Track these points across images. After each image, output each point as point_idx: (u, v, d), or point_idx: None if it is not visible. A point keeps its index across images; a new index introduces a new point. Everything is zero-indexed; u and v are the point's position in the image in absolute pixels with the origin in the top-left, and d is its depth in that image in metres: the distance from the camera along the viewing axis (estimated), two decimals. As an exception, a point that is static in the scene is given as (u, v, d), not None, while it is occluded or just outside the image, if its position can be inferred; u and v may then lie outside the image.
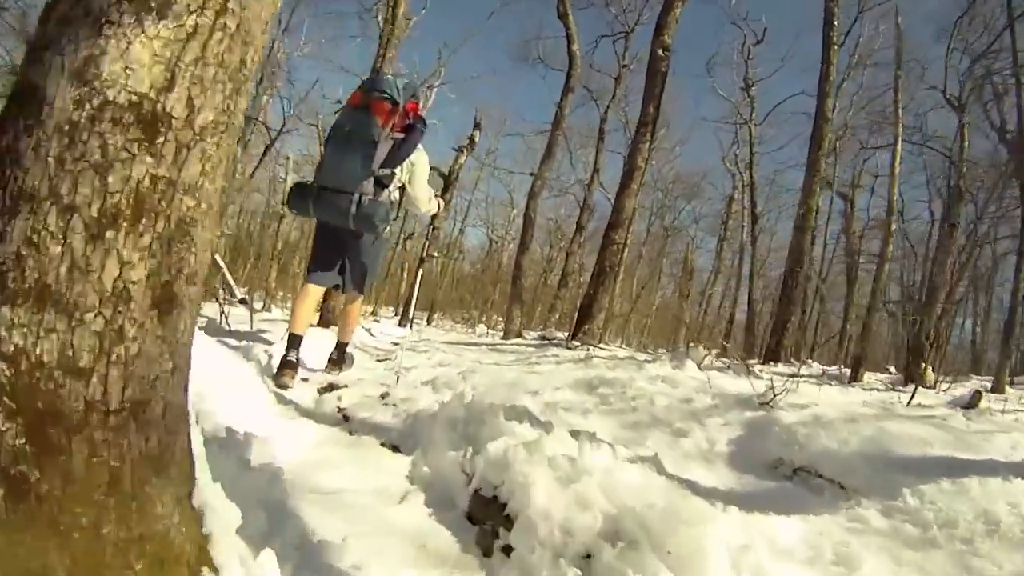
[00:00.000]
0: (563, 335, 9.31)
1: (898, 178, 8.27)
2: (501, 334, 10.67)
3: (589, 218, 15.53)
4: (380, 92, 2.82)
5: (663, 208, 25.37)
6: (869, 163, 18.49)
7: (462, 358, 5.34)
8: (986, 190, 13.29)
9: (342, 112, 2.88)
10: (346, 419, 2.36)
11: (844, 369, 7.79)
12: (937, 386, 6.31)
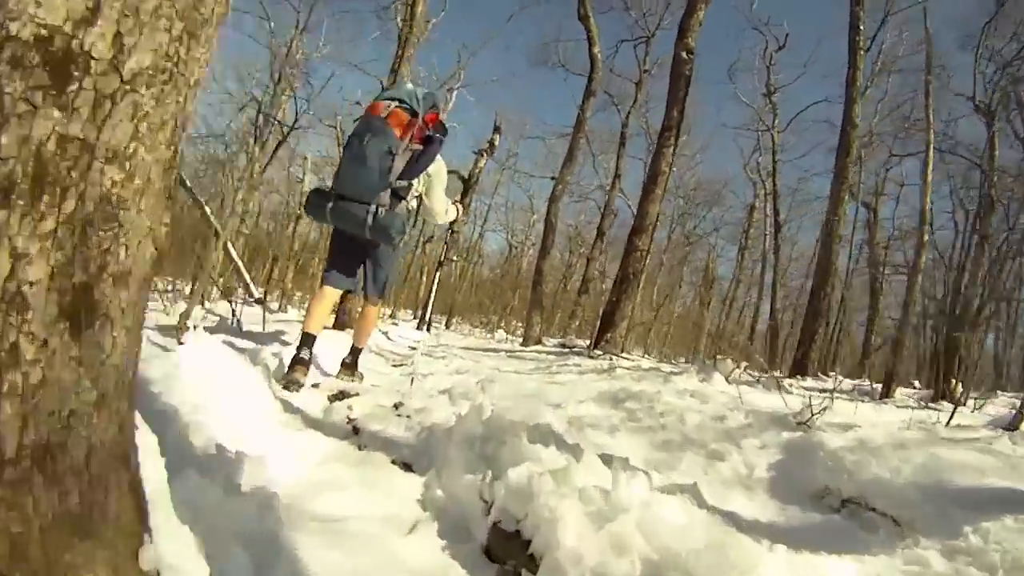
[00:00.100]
0: (584, 343, 9.13)
1: (931, 187, 7.98)
2: (520, 340, 10.51)
3: (610, 224, 15.30)
4: (400, 102, 2.79)
5: (684, 215, 25.02)
6: (892, 171, 18.13)
7: (480, 365, 5.17)
8: (1016, 200, 12.80)
9: (361, 121, 2.83)
10: (356, 431, 2.19)
11: (874, 384, 7.51)
12: (966, 403, 6.05)
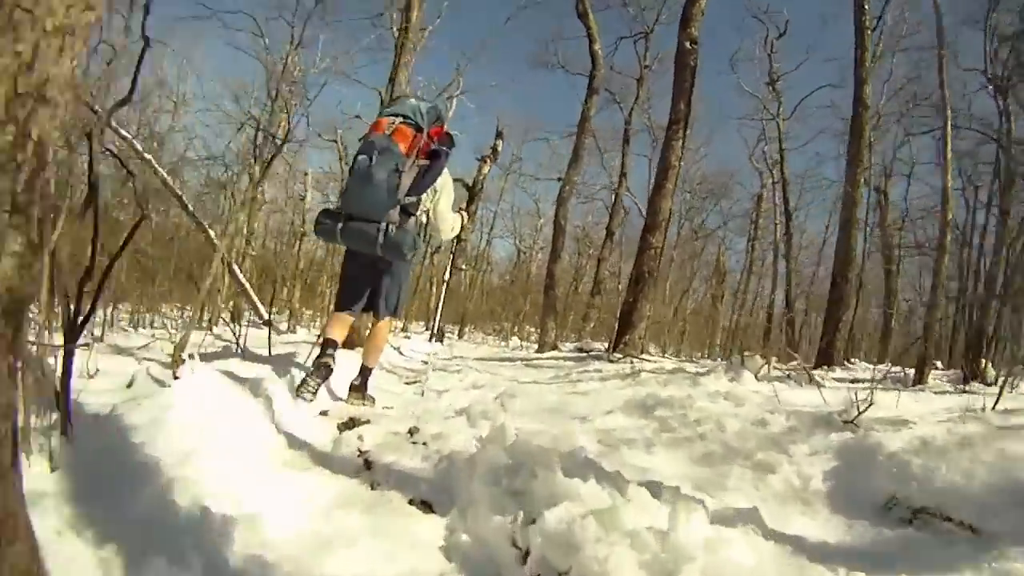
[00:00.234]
0: (601, 346, 8.89)
1: (951, 164, 7.70)
2: (535, 347, 10.28)
3: (620, 223, 15.06)
4: (404, 118, 2.78)
5: (692, 210, 24.70)
6: (901, 152, 17.74)
7: (497, 377, 4.96)
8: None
9: (365, 140, 2.78)
10: (368, 466, 1.98)
11: (906, 370, 7.25)
12: (998, 382, 5.81)
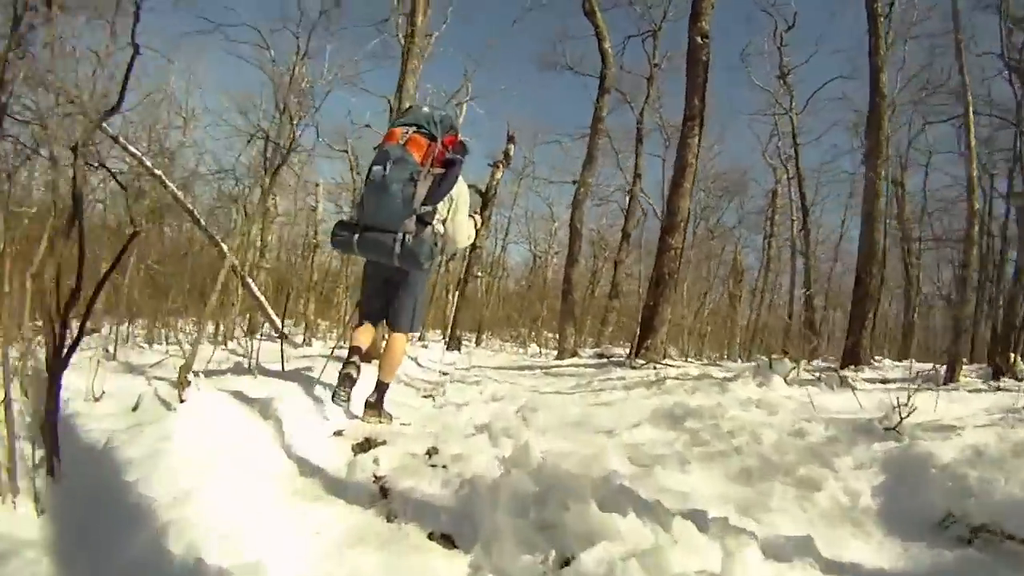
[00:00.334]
0: (621, 351, 8.72)
1: (975, 151, 7.47)
2: (554, 354, 10.13)
3: (636, 224, 14.88)
4: (417, 127, 2.77)
5: (707, 209, 24.36)
6: (917, 141, 17.39)
7: (517, 387, 4.83)
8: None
9: (379, 150, 2.78)
10: (384, 493, 1.86)
11: (938, 367, 7.01)
12: None
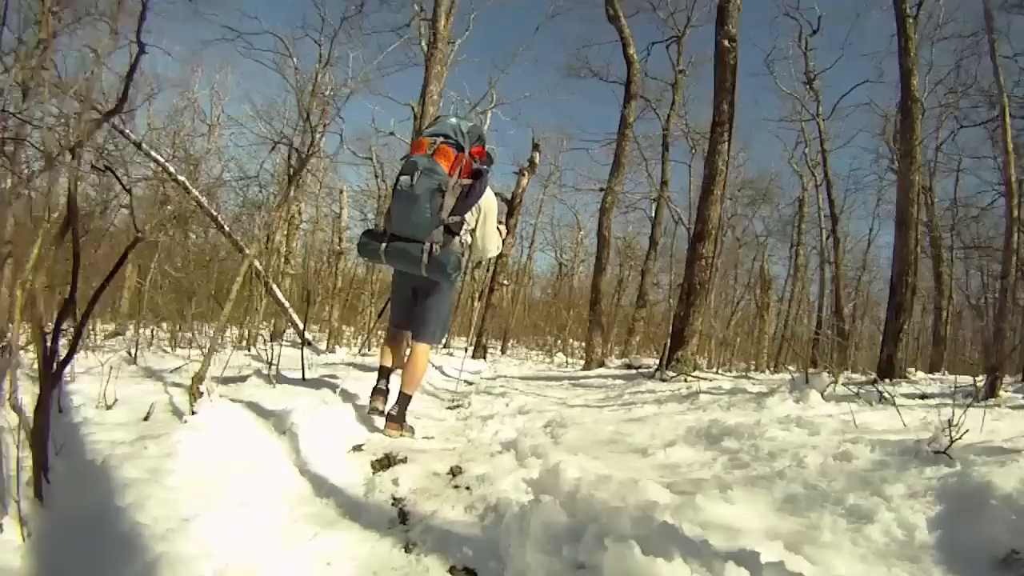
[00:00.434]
0: (650, 361, 8.48)
1: (1013, 155, 7.12)
2: (581, 363, 9.92)
3: (663, 232, 14.60)
4: (445, 138, 2.78)
5: (733, 217, 23.88)
6: (946, 145, 16.76)
7: (544, 399, 4.66)
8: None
9: (407, 160, 2.79)
10: (403, 517, 1.72)
11: (976, 381, 6.66)
12: None
